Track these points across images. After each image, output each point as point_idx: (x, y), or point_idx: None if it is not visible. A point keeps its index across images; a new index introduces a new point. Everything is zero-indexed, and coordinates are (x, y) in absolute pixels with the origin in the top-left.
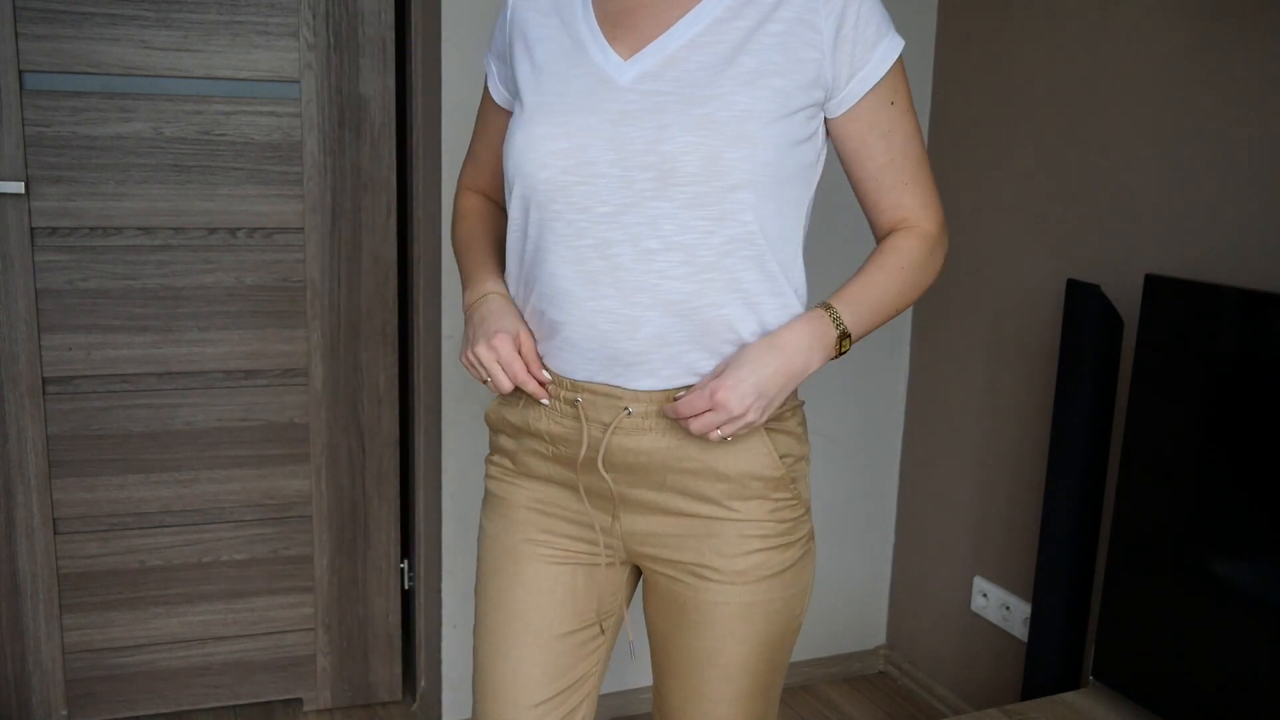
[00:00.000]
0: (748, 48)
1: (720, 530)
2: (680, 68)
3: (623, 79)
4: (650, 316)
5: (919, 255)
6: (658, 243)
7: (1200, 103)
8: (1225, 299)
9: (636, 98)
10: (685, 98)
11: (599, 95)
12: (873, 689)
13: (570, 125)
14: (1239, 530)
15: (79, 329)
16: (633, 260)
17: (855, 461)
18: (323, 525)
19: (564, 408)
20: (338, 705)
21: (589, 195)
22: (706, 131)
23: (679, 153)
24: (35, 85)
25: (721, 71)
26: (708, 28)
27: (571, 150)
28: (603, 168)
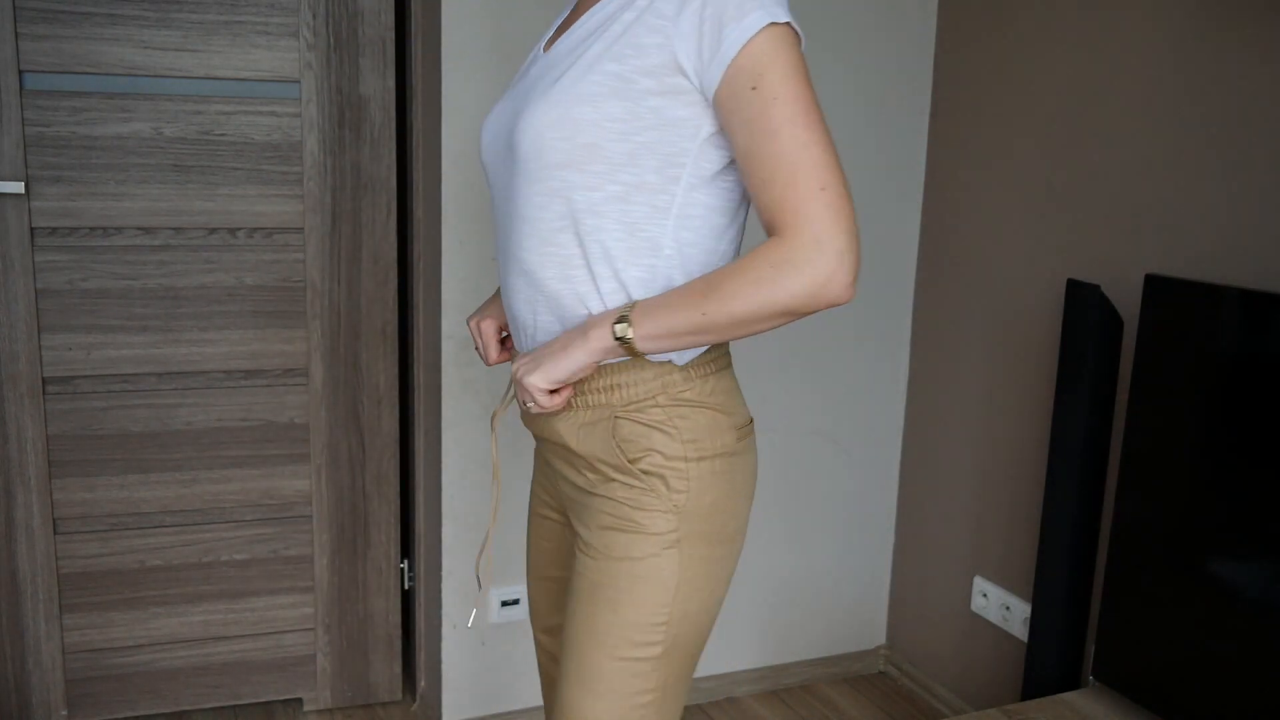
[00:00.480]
0: (599, 35)
1: (587, 501)
2: (554, 53)
3: (533, 69)
4: (519, 285)
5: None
6: (517, 217)
7: (1200, 103)
8: (1225, 299)
9: (527, 84)
10: (535, 83)
11: (518, 84)
12: (873, 689)
13: (492, 112)
14: (1239, 530)
15: (79, 329)
16: (509, 232)
17: (855, 461)
18: (323, 525)
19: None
20: (338, 705)
21: (494, 174)
22: (537, 113)
23: (518, 134)
24: (35, 85)
25: (569, 57)
26: (594, 16)
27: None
28: (496, 149)
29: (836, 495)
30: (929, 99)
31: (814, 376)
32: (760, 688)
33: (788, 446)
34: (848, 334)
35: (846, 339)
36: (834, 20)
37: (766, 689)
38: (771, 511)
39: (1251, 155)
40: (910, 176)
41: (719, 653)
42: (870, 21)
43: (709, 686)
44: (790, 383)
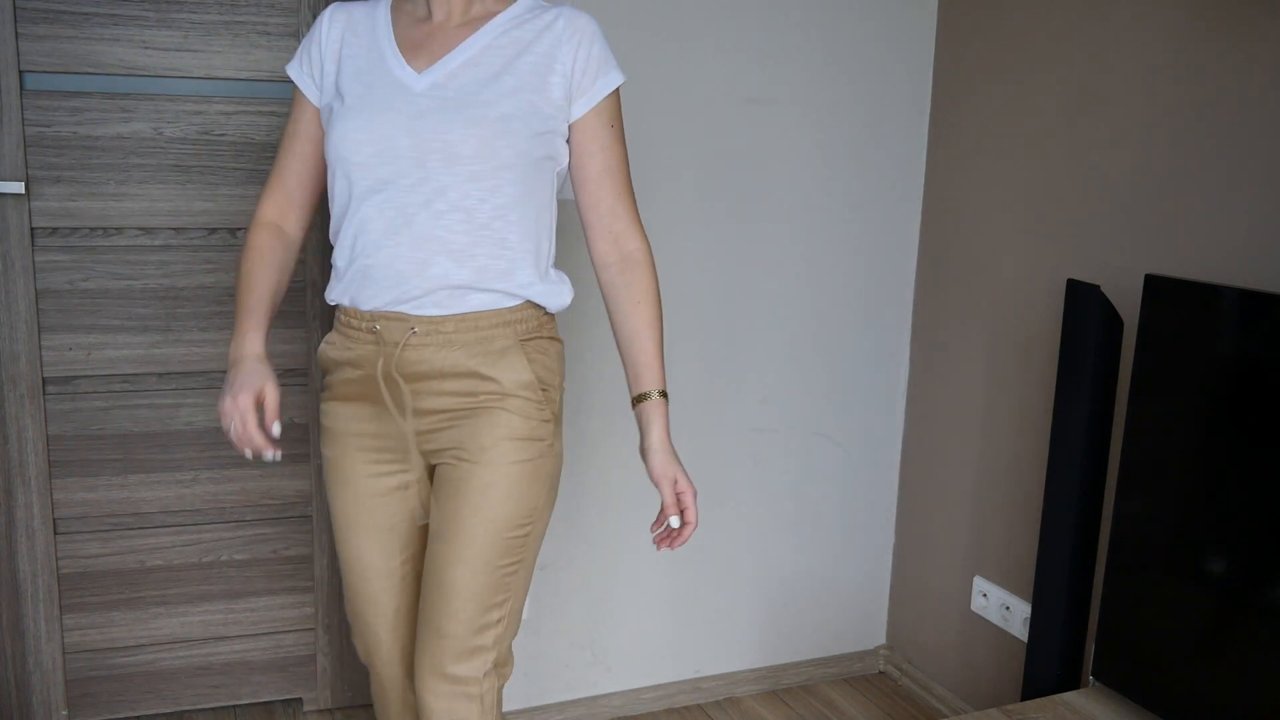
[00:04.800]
0: (510, 69)
1: (477, 421)
2: (459, 80)
3: (417, 87)
4: (437, 260)
5: (658, 291)
6: (444, 204)
7: (1200, 102)
8: (1225, 299)
9: (427, 101)
10: (463, 102)
11: (398, 99)
12: (873, 689)
13: (376, 121)
14: (1239, 530)
15: (79, 329)
16: (425, 219)
17: (855, 461)
18: (323, 525)
19: (364, 335)
20: (338, 705)
21: (394, 172)
22: (479, 126)
23: (460, 140)
24: (35, 85)
25: (489, 86)
26: (479, 52)
27: (373, 128)
28: (403, 151)
29: (836, 495)
30: (929, 99)
31: (814, 377)
32: (760, 688)
33: (788, 446)
34: (848, 334)
35: (847, 339)
36: (834, 20)
37: (766, 689)
38: (772, 511)
39: (1251, 155)
40: (910, 176)
41: (719, 653)
42: (870, 22)
43: (709, 686)
44: (790, 383)
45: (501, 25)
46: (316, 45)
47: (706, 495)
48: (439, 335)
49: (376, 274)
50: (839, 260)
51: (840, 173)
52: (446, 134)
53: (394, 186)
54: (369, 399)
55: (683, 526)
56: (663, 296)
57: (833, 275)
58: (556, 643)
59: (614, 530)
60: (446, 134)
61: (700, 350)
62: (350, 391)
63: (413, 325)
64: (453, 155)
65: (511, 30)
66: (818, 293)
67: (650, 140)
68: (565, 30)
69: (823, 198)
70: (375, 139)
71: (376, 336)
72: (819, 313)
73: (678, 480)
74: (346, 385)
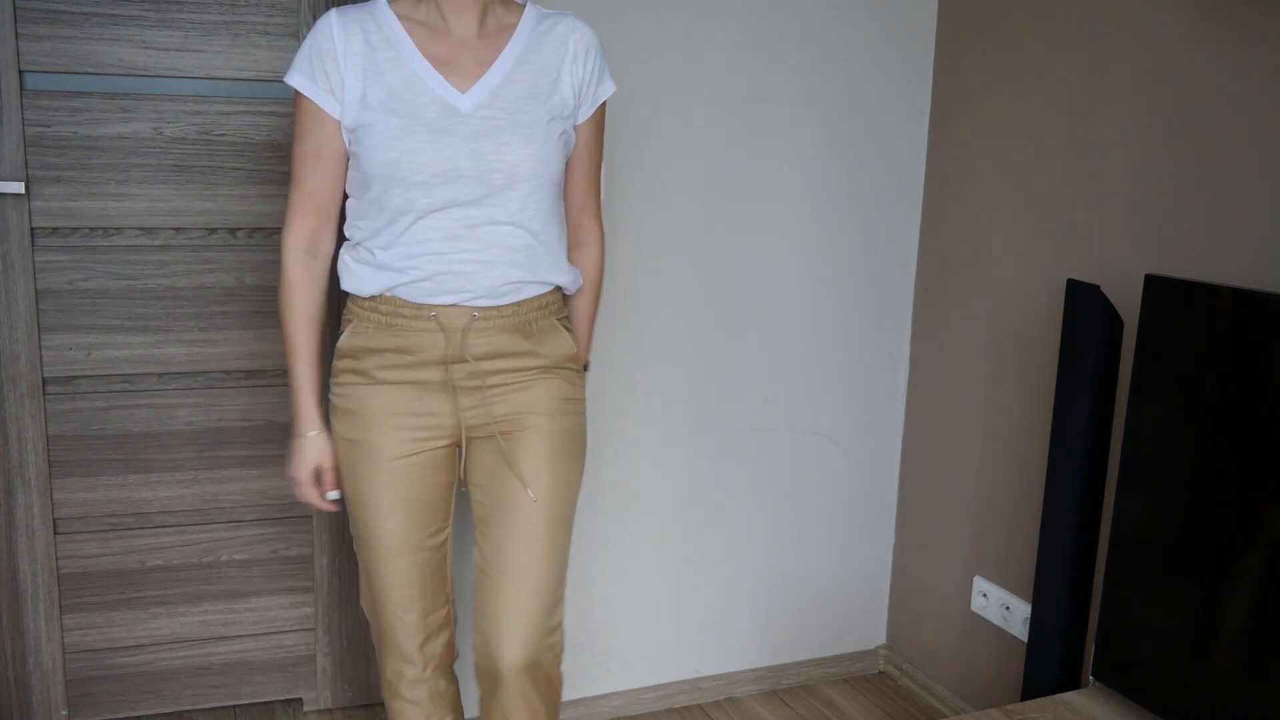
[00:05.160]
0: (541, 85)
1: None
2: (502, 99)
3: (464, 107)
4: (499, 265)
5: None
6: (505, 217)
7: (1200, 102)
8: (1225, 299)
9: (478, 121)
10: (511, 123)
11: (449, 119)
12: (873, 689)
13: (436, 140)
14: (1238, 530)
15: (79, 329)
16: (488, 229)
17: (855, 461)
18: (323, 525)
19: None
20: (338, 705)
21: (456, 191)
22: (534, 145)
23: (520, 160)
24: (35, 85)
25: (528, 104)
26: (511, 69)
27: (436, 150)
28: (465, 171)
29: (836, 495)
30: (929, 99)
31: (814, 376)
32: (760, 688)
33: (788, 446)
34: (848, 334)
35: (847, 339)
36: (834, 20)
37: (766, 689)
38: (772, 511)
39: (1251, 155)
40: (910, 176)
41: (719, 653)
42: (870, 22)
43: (709, 686)
44: (790, 383)
45: (523, 39)
46: (332, 59)
47: (707, 495)
48: (498, 320)
49: (439, 277)
50: (839, 260)
51: (840, 173)
52: (507, 154)
53: (456, 203)
54: (414, 381)
55: None
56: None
57: (833, 275)
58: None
59: (614, 530)
60: (507, 154)
61: (700, 350)
62: (394, 375)
63: (472, 312)
64: (514, 174)
65: (532, 44)
66: (818, 293)
67: (650, 140)
68: (576, 43)
69: (823, 198)
70: (437, 160)
71: (435, 324)
72: (819, 313)
73: None
74: (390, 370)
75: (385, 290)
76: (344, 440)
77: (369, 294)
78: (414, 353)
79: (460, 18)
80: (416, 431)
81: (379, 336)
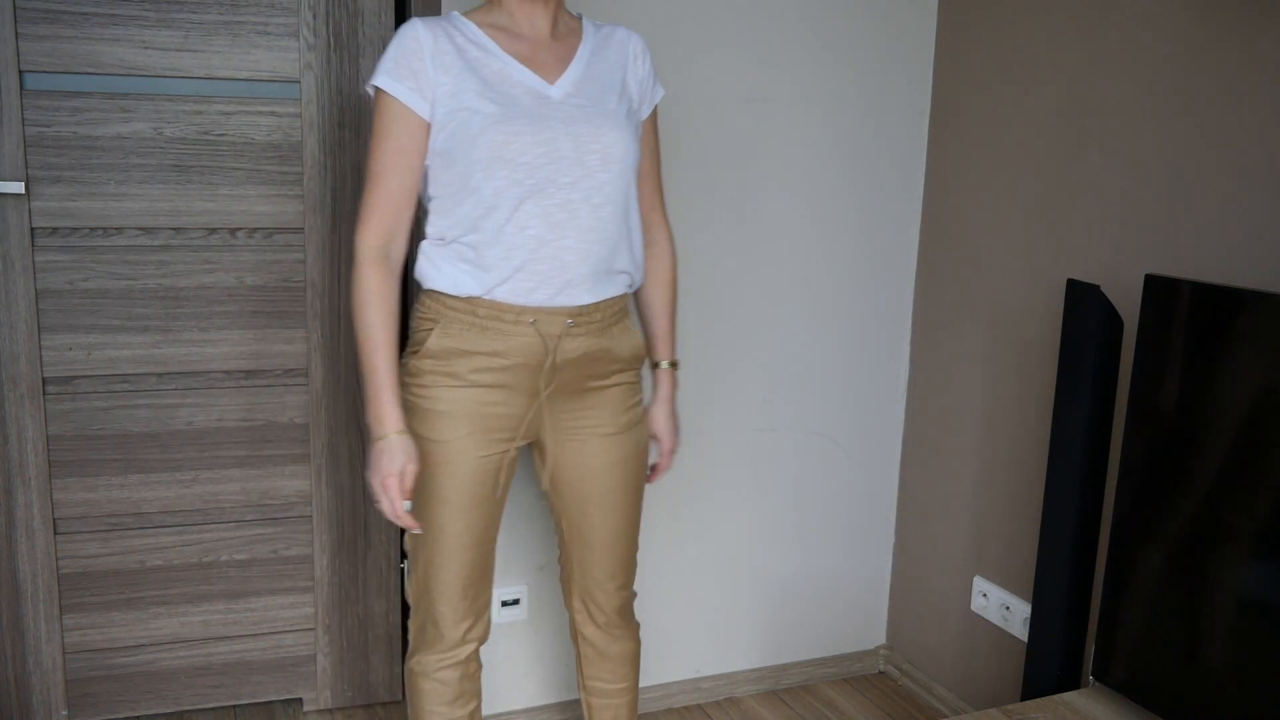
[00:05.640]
0: (613, 81)
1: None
2: (585, 90)
3: (555, 95)
4: (595, 249)
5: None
6: (601, 199)
7: (1200, 102)
8: (1225, 299)
9: (569, 108)
10: (599, 109)
11: (544, 106)
12: (873, 689)
13: (537, 126)
14: (1238, 530)
15: (79, 329)
16: (586, 212)
17: (855, 461)
18: (323, 525)
19: (518, 329)
20: (338, 705)
21: (556, 171)
22: (622, 130)
23: (613, 143)
24: (35, 85)
25: (607, 94)
26: (587, 66)
27: (538, 132)
28: (565, 152)
29: (836, 495)
30: (929, 99)
31: (814, 377)
32: (760, 688)
33: (788, 446)
34: (848, 334)
35: (847, 339)
36: (834, 20)
37: (766, 689)
38: (772, 511)
39: (1251, 155)
40: (910, 176)
41: (719, 653)
42: (870, 22)
43: (709, 686)
44: (790, 383)
45: (590, 41)
46: (419, 59)
47: (707, 495)
48: (589, 323)
49: (543, 267)
50: (839, 260)
51: (840, 173)
52: (602, 136)
53: (555, 184)
54: (505, 384)
55: (656, 468)
56: None
57: (833, 275)
58: (556, 643)
59: None
60: (602, 136)
61: (701, 350)
62: (485, 378)
63: (567, 317)
64: (608, 156)
65: (598, 47)
66: (818, 293)
67: None
68: (633, 46)
69: (823, 198)
70: (540, 141)
71: (534, 329)
72: (819, 313)
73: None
74: (482, 373)
75: (484, 293)
76: (423, 439)
77: (465, 294)
78: (510, 356)
79: (534, 22)
80: (500, 433)
81: (473, 339)
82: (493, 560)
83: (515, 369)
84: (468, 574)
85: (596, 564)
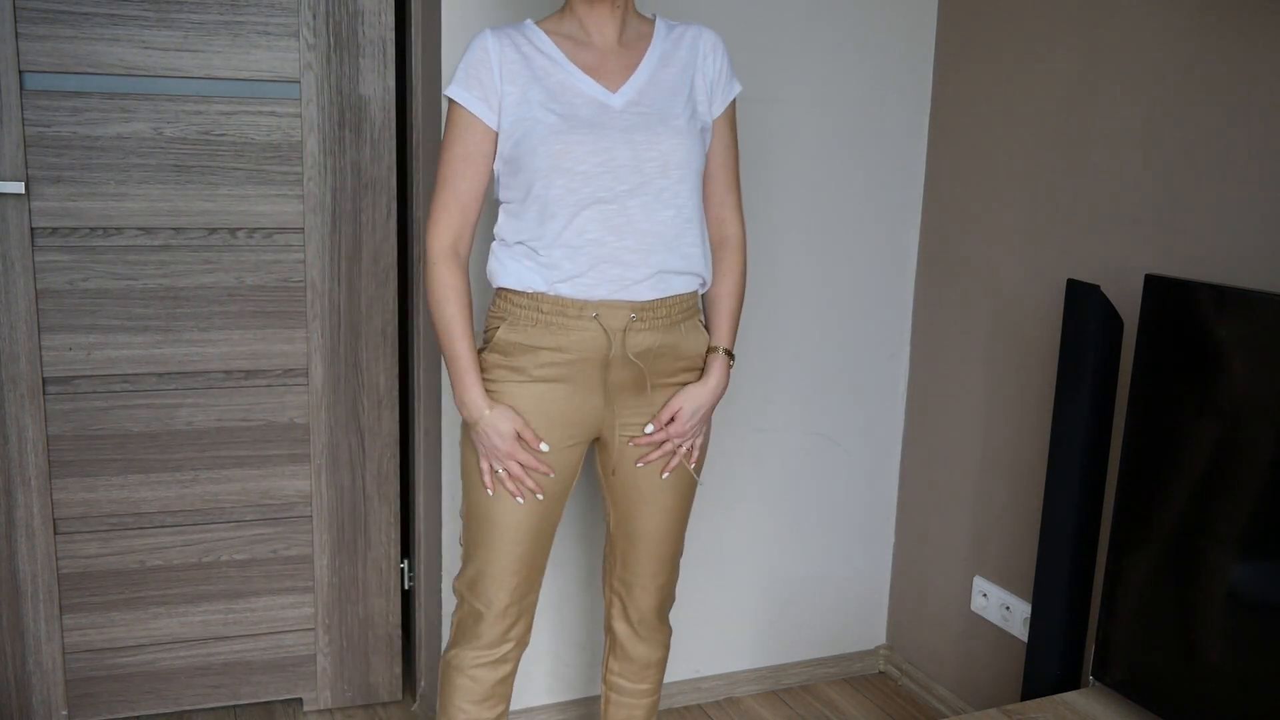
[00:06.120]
0: (680, 85)
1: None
2: (648, 98)
3: (616, 104)
4: (657, 250)
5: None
6: (660, 204)
7: (1200, 103)
8: (1225, 299)
9: (630, 117)
10: (660, 117)
11: (604, 115)
12: (873, 689)
13: (595, 135)
14: (1238, 530)
15: (79, 329)
16: (644, 216)
17: (855, 461)
18: (323, 525)
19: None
20: (338, 705)
21: (614, 179)
22: (682, 136)
23: (671, 149)
24: (35, 85)
25: (672, 101)
26: (653, 72)
27: (596, 142)
28: (623, 161)
29: (836, 495)
30: (929, 99)
31: (814, 376)
32: (760, 688)
33: (788, 446)
34: (848, 334)
35: (847, 339)
36: (834, 20)
37: (766, 689)
38: (772, 511)
39: (1251, 155)
40: (910, 176)
41: (719, 653)
42: (870, 22)
43: (709, 686)
44: (790, 383)
45: (659, 46)
46: (487, 70)
47: (707, 495)
48: (653, 318)
49: (601, 267)
50: (839, 260)
51: (840, 173)
52: (660, 144)
53: (613, 191)
54: (569, 379)
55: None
56: None
57: (833, 275)
58: (559, 642)
59: None
60: (660, 144)
61: None
62: (550, 374)
63: (630, 311)
64: (667, 162)
65: (668, 50)
66: (818, 292)
67: None
68: (705, 45)
69: (823, 198)
70: (597, 150)
71: (597, 324)
72: (819, 312)
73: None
74: (547, 368)
75: (547, 288)
76: None
77: (530, 290)
78: (573, 351)
79: (602, 30)
80: (563, 430)
81: (538, 334)
82: (545, 559)
83: (579, 364)
84: (519, 568)
85: (638, 560)
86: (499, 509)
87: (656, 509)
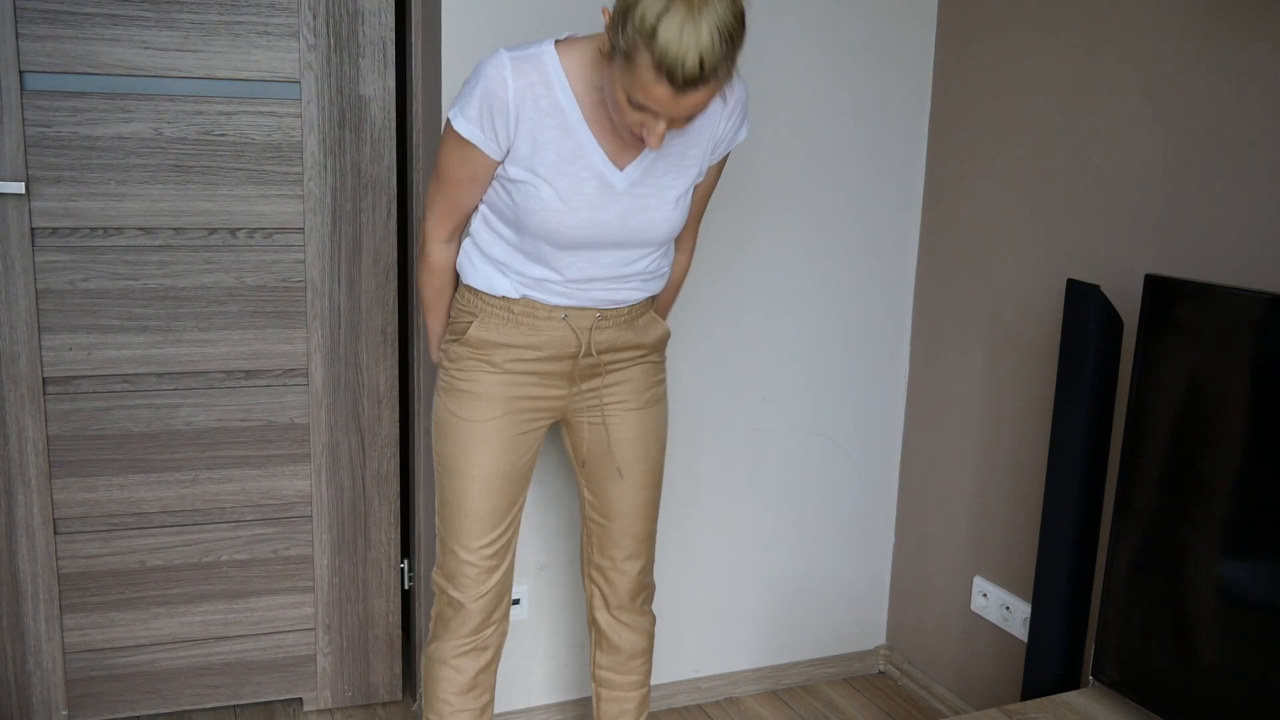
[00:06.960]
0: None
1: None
2: (653, 173)
3: (620, 185)
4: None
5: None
6: (637, 255)
7: (1200, 102)
8: (1225, 299)
9: (630, 199)
10: (660, 195)
11: (606, 197)
12: (873, 689)
13: (591, 216)
14: (1239, 530)
15: (79, 329)
16: (622, 266)
17: (855, 461)
18: (323, 525)
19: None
20: (338, 705)
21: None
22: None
23: (662, 222)
24: (36, 85)
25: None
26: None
27: (590, 225)
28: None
29: (836, 495)
30: (929, 99)
31: (814, 376)
32: (760, 688)
33: (788, 446)
34: (848, 334)
35: (847, 339)
36: (834, 21)
37: (766, 689)
38: (771, 511)
39: (1251, 155)
40: (910, 176)
41: (719, 653)
42: (870, 22)
43: (709, 686)
44: (790, 383)
45: None
46: (503, 117)
47: (707, 495)
48: (616, 318)
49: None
50: (839, 260)
51: (840, 173)
52: (648, 222)
53: (597, 247)
54: (541, 373)
55: None
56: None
57: (833, 275)
58: (556, 643)
59: None
60: (648, 222)
61: (701, 350)
62: (521, 367)
63: (597, 313)
64: (654, 236)
65: None
66: (818, 293)
67: None
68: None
69: (823, 198)
70: (591, 230)
71: (566, 325)
72: (819, 313)
73: None
74: (519, 363)
75: (516, 295)
76: (454, 416)
77: (506, 295)
78: (546, 349)
79: None
80: (530, 414)
81: (509, 332)
82: (515, 538)
83: (550, 359)
84: (492, 513)
85: (613, 541)
86: (469, 455)
87: (629, 485)
